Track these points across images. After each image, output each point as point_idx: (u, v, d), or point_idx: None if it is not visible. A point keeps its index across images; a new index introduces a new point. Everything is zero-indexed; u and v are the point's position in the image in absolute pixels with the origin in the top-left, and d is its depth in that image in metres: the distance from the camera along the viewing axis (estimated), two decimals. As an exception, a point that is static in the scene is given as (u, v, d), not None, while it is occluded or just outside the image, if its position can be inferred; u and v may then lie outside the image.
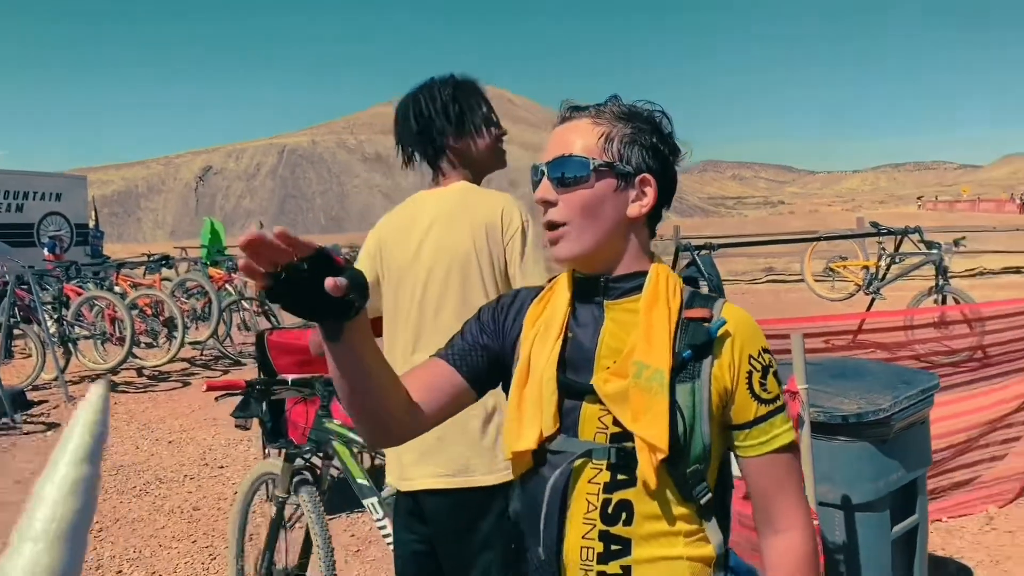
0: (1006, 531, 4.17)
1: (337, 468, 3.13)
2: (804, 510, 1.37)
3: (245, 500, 3.32)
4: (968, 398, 4.59)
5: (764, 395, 1.33)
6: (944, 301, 8.23)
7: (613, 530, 1.28)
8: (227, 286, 11.34)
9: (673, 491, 1.29)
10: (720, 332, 1.31)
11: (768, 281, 17.07)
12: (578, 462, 1.30)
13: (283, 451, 3.19)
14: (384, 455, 3.01)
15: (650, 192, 1.36)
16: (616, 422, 1.29)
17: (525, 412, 1.33)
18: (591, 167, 1.32)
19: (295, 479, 3.07)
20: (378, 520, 2.82)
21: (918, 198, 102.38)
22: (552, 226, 1.35)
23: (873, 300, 9.29)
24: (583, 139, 1.34)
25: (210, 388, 3.06)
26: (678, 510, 1.29)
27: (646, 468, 1.25)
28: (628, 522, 1.28)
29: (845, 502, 2.77)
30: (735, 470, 1.43)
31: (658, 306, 1.32)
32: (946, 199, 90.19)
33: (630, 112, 1.36)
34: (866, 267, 10.37)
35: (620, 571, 1.27)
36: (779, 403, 1.35)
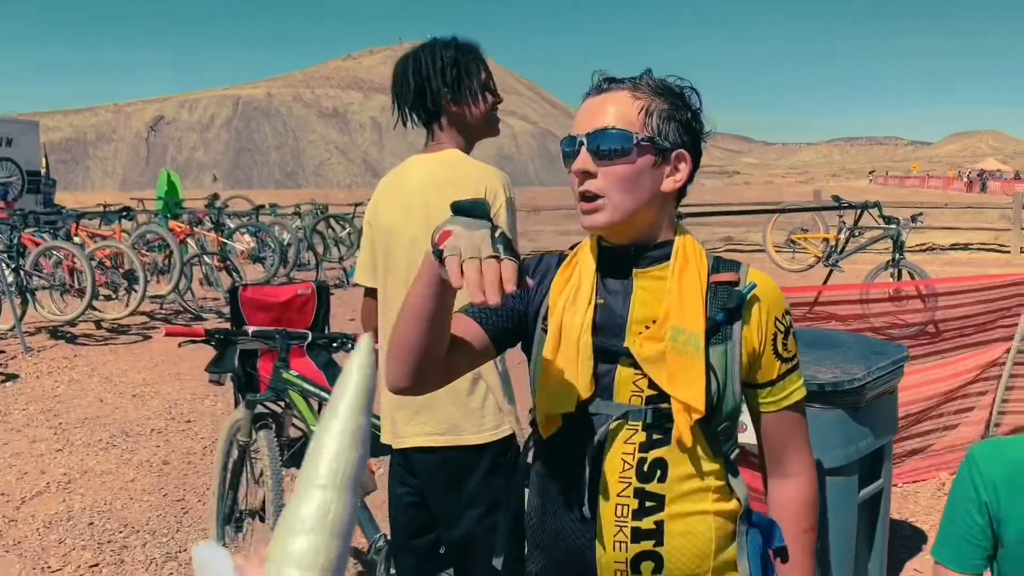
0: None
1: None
2: (810, 458, 1.50)
3: (224, 451, 3.38)
4: (923, 370, 4.77)
5: (785, 354, 1.43)
6: (900, 275, 8.46)
7: (648, 487, 1.34)
8: (188, 239, 11.18)
9: (705, 448, 1.37)
10: (750, 296, 1.39)
11: (726, 251, 17.30)
12: (615, 424, 1.36)
13: (244, 398, 3.31)
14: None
15: (684, 168, 1.41)
16: (651, 384, 1.35)
17: (560, 376, 1.38)
18: (634, 141, 1.34)
19: (256, 425, 3.22)
20: None
21: (870, 172, 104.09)
22: (589, 197, 1.36)
23: (831, 272, 9.51)
24: (624, 112, 1.36)
25: (169, 334, 3.18)
26: (709, 466, 1.38)
27: (683, 428, 1.32)
28: (663, 479, 1.35)
29: (817, 466, 2.89)
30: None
31: (688, 272, 1.38)
32: (896, 174, 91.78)
33: (664, 87, 1.40)
34: (826, 240, 10.60)
35: (653, 526, 1.34)
36: (795, 361, 1.45)
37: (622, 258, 1.43)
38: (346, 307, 10.10)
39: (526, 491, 1.53)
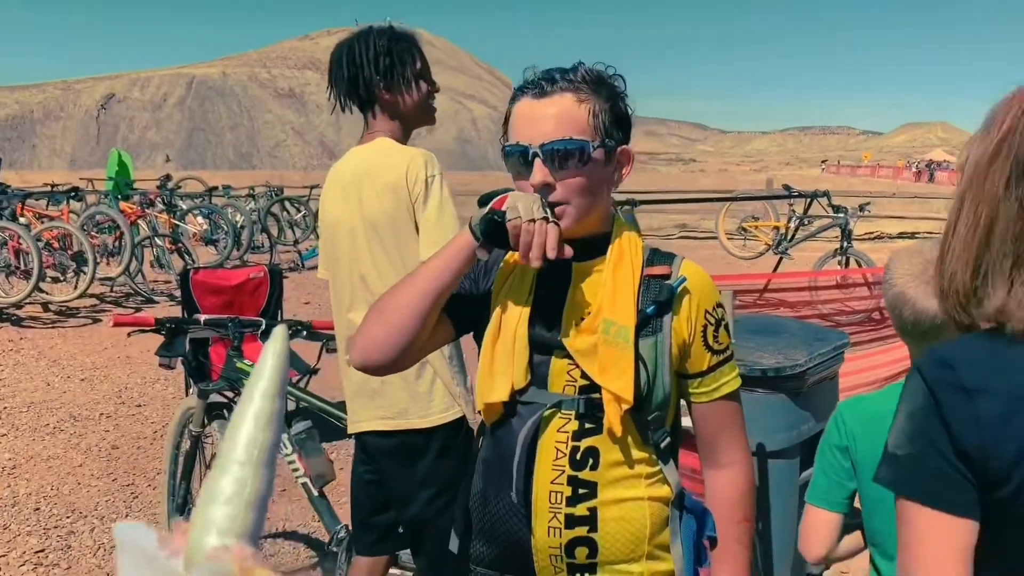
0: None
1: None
2: (745, 449, 1.54)
3: (175, 437, 3.36)
4: (865, 356, 4.91)
5: (716, 346, 1.47)
6: (847, 263, 8.65)
7: (581, 475, 1.39)
8: (139, 221, 11.00)
9: (636, 437, 1.41)
10: (680, 289, 1.43)
11: (681, 237, 17.49)
12: (548, 412, 1.40)
13: (195, 383, 3.28)
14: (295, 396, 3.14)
15: (628, 163, 1.46)
16: (584, 375, 1.39)
17: (497, 365, 1.42)
18: (591, 149, 1.37)
19: (209, 414, 3.19)
20: (286, 455, 2.93)
21: (822, 162, 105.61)
22: (551, 206, 1.38)
23: (781, 259, 9.69)
24: (573, 118, 1.37)
25: (118, 324, 3.10)
26: (640, 454, 1.42)
27: (613, 417, 1.36)
28: (595, 467, 1.39)
29: (760, 449, 2.97)
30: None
31: (622, 266, 1.43)
32: (848, 164, 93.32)
33: (600, 80, 1.42)
34: (776, 228, 10.78)
35: (587, 512, 1.38)
36: (728, 353, 1.50)
37: None
38: (300, 290, 10.04)
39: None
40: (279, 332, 0.68)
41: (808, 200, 9.70)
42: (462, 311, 1.51)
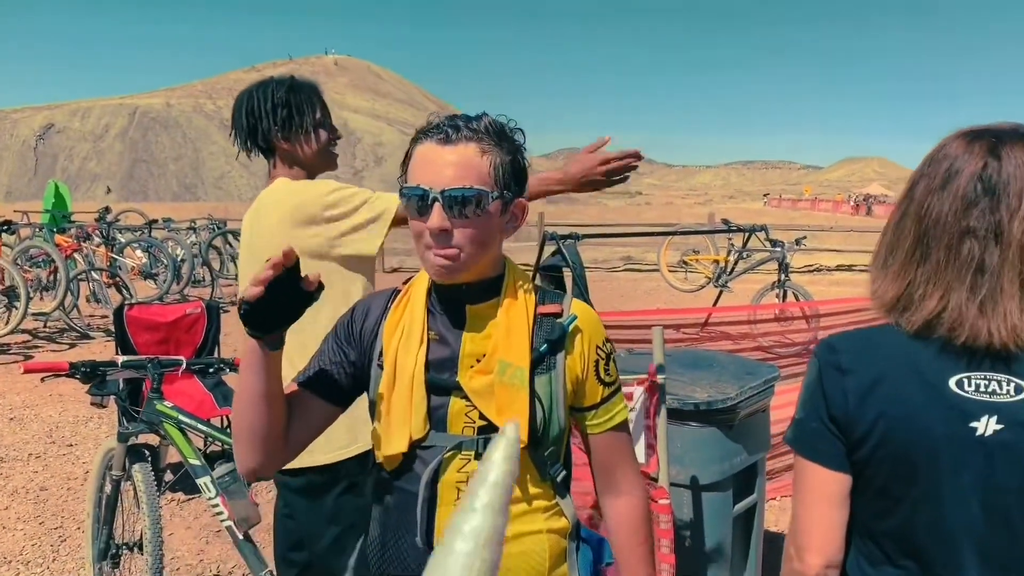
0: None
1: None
2: (639, 476, 1.59)
3: (98, 480, 3.28)
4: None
5: (607, 379, 1.53)
6: (785, 296, 8.82)
7: None
8: (75, 255, 10.76)
9: (533, 473, 1.45)
10: (572, 327, 1.48)
11: (626, 270, 17.68)
12: (448, 454, 1.42)
13: (116, 429, 3.21)
14: (219, 440, 3.09)
15: (521, 215, 1.49)
16: (482, 416, 1.42)
17: (394, 416, 1.43)
18: (490, 200, 1.39)
19: (131, 456, 3.12)
20: (210, 499, 2.90)
21: (764, 195, 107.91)
22: (444, 249, 1.39)
23: (721, 292, 9.84)
24: (476, 167, 1.38)
25: (28, 371, 2.99)
26: (537, 489, 1.45)
27: None
28: None
29: (693, 482, 3.01)
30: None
31: (516, 307, 1.47)
32: (790, 197, 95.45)
33: (501, 133, 1.44)
34: (716, 261, 10.97)
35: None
36: (617, 385, 1.55)
37: (455, 295, 1.48)
38: (240, 326, 9.88)
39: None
40: (510, 433, 0.59)
41: (746, 234, 9.89)
42: (340, 384, 1.51)
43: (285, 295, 1.28)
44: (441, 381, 1.43)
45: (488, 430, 1.42)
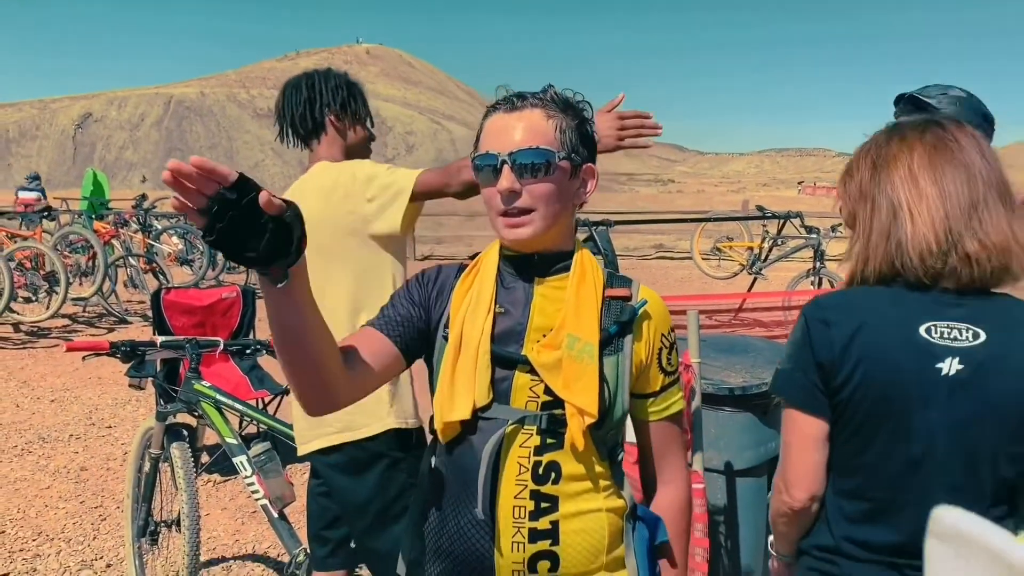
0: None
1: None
2: (685, 467, 1.60)
3: (137, 459, 3.33)
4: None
5: (668, 368, 1.53)
6: (820, 283, 8.72)
7: (543, 489, 1.40)
8: (113, 241, 10.92)
9: (595, 452, 1.44)
10: (641, 312, 1.47)
11: (657, 257, 17.59)
12: (510, 428, 1.41)
13: (154, 410, 3.26)
14: (256, 419, 3.12)
15: (591, 181, 1.50)
16: (547, 391, 1.41)
17: (458, 383, 1.43)
18: (556, 158, 1.41)
19: (169, 435, 3.16)
20: (246, 477, 2.92)
21: (798, 183, 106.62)
22: (515, 212, 1.42)
23: (755, 280, 9.76)
24: (541, 129, 1.41)
25: (71, 349, 3.04)
26: (598, 468, 1.44)
27: (575, 431, 1.38)
28: (556, 481, 1.40)
29: (728, 468, 2.99)
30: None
31: (585, 284, 1.46)
32: (824, 184, 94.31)
33: (567, 103, 1.46)
34: (750, 248, 10.86)
35: (549, 526, 1.40)
36: (677, 375, 1.55)
37: (524, 267, 1.49)
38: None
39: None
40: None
41: (781, 221, 9.79)
42: (410, 336, 1.50)
43: (248, 218, 1.03)
44: (507, 353, 1.43)
45: (552, 405, 1.41)
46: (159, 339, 3.21)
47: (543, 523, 1.39)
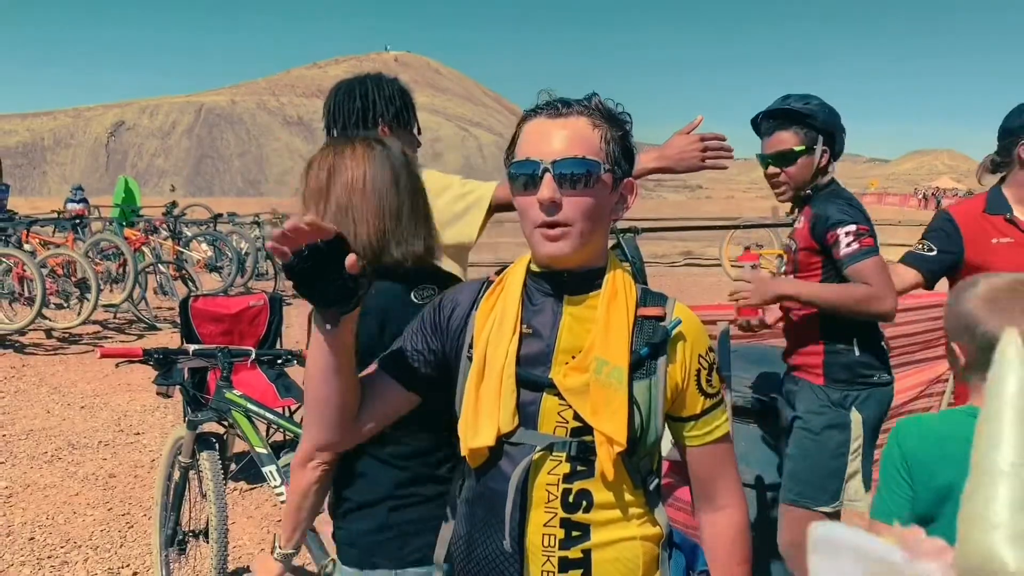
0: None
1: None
2: (740, 489, 1.49)
3: (166, 467, 3.33)
4: (871, 386, 4.84)
5: (709, 390, 1.43)
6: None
7: (574, 517, 1.34)
8: (143, 248, 11.03)
9: (627, 480, 1.37)
10: (675, 332, 1.39)
11: (686, 265, 17.46)
12: (538, 455, 1.35)
13: (182, 417, 3.25)
14: (285, 428, 3.10)
15: (631, 196, 1.44)
16: (576, 416, 1.34)
17: (483, 408, 1.37)
18: (601, 170, 1.34)
19: (199, 444, 3.16)
20: (275, 487, 2.91)
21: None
22: (554, 225, 1.34)
23: (786, 288, 9.64)
24: (587, 139, 1.34)
25: (105, 355, 3.04)
26: (631, 496, 1.38)
27: (605, 460, 1.32)
28: (588, 509, 1.34)
29: (758, 482, 2.93)
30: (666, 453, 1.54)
31: (616, 303, 1.38)
32: (855, 190, 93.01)
33: (611, 113, 1.40)
34: (781, 255, 10.74)
35: (581, 555, 1.34)
36: (719, 397, 1.45)
37: (554, 284, 1.42)
38: (304, 318, 10.01)
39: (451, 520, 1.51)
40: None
41: (812, 228, 9.67)
42: (422, 374, 1.47)
43: (328, 268, 1.24)
44: (533, 377, 1.37)
45: (581, 432, 1.34)
46: (191, 347, 3.22)
47: (574, 552, 1.34)
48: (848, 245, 2.47)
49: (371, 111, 2.38)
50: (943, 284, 3.23)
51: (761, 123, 2.76)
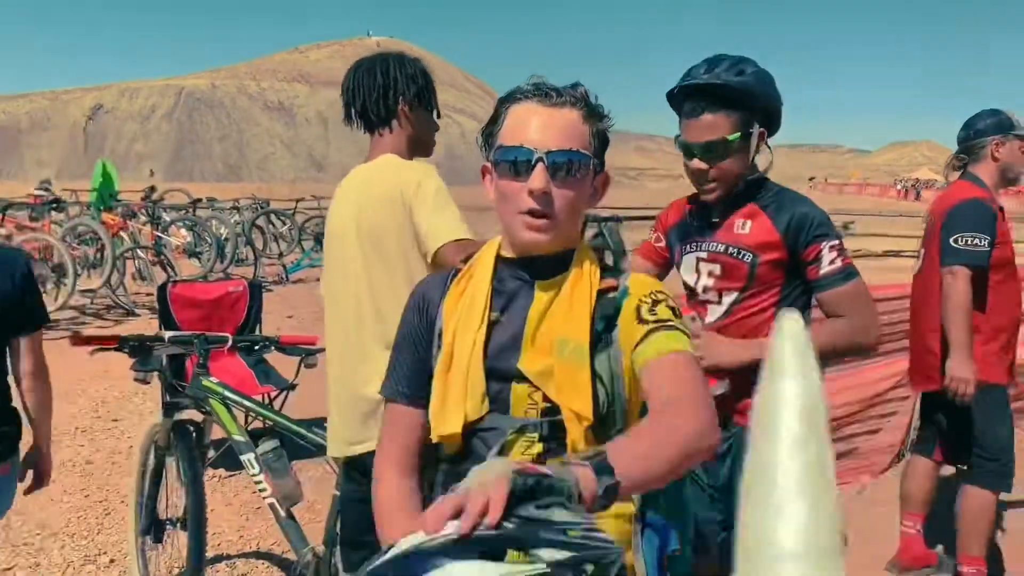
0: (878, 500, 4.49)
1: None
2: (709, 407, 1.24)
3: (143, 455, 3.31)
4: (850, 375, 4.89)
5: (649, 317, 1.35)
6: (831, 281, 8.64)
7: None
8: (122, 233, 10.92)
9: None
10: (624, 302, 1.41)
11: (667, 253, 17.50)
12: (511, 437, 1.36)
13: (160, 404, 3.22)
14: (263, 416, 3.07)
15: (603, 188, 1.46)
16: (546, 397, 1.36)
17: (450, 397, 1.38)
18: (591, 166, 1.38)
19: (175, 431, 3.13)
20: (254, 475, 2.88)
21: (810, 179, 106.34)
22: (538, 215, 1.35)
23: (766, 277, 9.68)
24: (581, 132, 1.37)
25: (76, 344, 3.01)
26: None
27: (575, 436, 1.34)
28: None
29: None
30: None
31: (581, 283, 1.40)
32: (836, 181, 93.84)
33: (594, 104, 1.41)
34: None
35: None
36: (670, 323, 1.35)
37: (525, 270, 1.43)
38: (284, 304, 9.98)
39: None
40: (787, 322, 0.57)
41: (793, 217, 9.72)
42: (427, 389, 1.47)
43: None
44: (501, 367, 1.38)
45: (552, 412, 1.36)
46: (167, 334, 3.19)
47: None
48: (831, 263, 2.14)
49: (392, 88, 2.36)
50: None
51: (683, 101, 2.20)
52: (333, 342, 2.41)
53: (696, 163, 2.19)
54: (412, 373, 1.49)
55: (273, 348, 3.36)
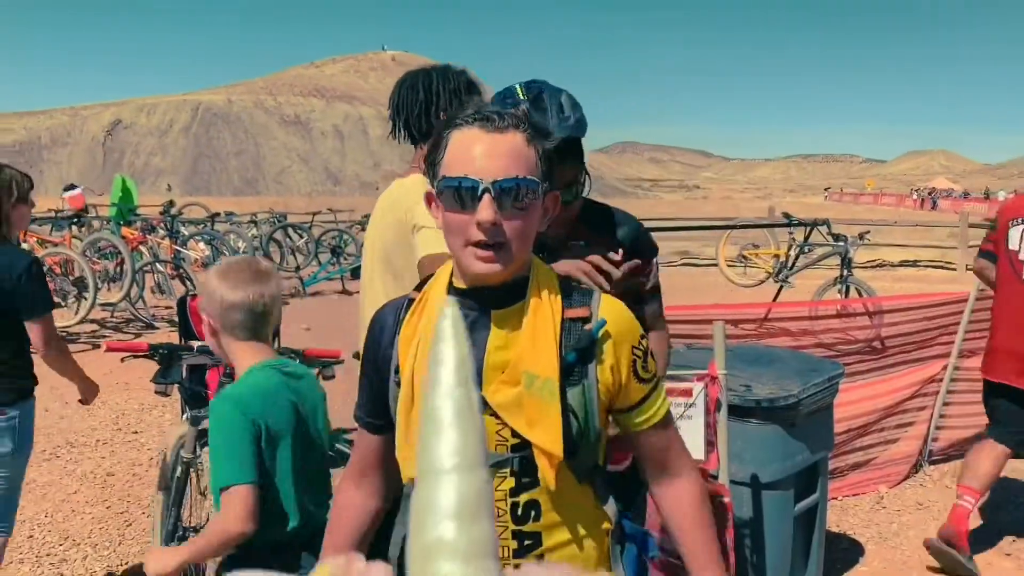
0: (894, 510, 4.47)
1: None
2: (692, 461, 1.54)
3: (169, 465, 3.35)
4: (867, 385, 4.88)
5: (646, 375, 1.43)
6: (847, 292, 8.63)
7: (525, 528, 1.36)
8: (141, 247, 11.03)
9: (574, 483, 1.38)
10: (601, 334, 1.37)
11: (682, 264, 17.48)
12: None
13: (189, 414, 3.26)
14: None
15: (553, 207, 1.40)
16: (515, 432, 1.34)
17: (415, 437, 1.38)
18: (539, 191, 1.33)
19: (201, 440, 3.16)
20: None
21: (825, 189, 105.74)
22: (488, 246, 1.30)
23: (781, 288, 9.68)
24: (527, 158, 1.32)
25: (111, 349, 3.08)
26: (579, 497, 1.40)
27: (546, 472, 1.33)
28: (537, 518, 1.36)
29: (754, 480, 2.95)
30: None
31: (542, 311, 1.36)
32: (851, 191, 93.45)
33: (538, 123, 1.39)
34: (776, 256, 10.79)
35: (534, 562, 1.35)
36: (656, 379, 1.46)
37: (479, 299, 1.38)
38: (302, 317, 10.03)
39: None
40: (451, 305, 0.60)
41: (808, 228, 9.71)
42: (389, 413, 1.47)
43: None
44: None
45: (522, 447, 1.34)
46: (196, 344, 3.23)
47: (528, 560, 1.36)
48: (656, 276, 2.34)
49: (434, 104, 2.34)
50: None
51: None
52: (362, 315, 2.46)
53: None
54: (368, 400, 1.50)
55: (298, 361, 3.39)
